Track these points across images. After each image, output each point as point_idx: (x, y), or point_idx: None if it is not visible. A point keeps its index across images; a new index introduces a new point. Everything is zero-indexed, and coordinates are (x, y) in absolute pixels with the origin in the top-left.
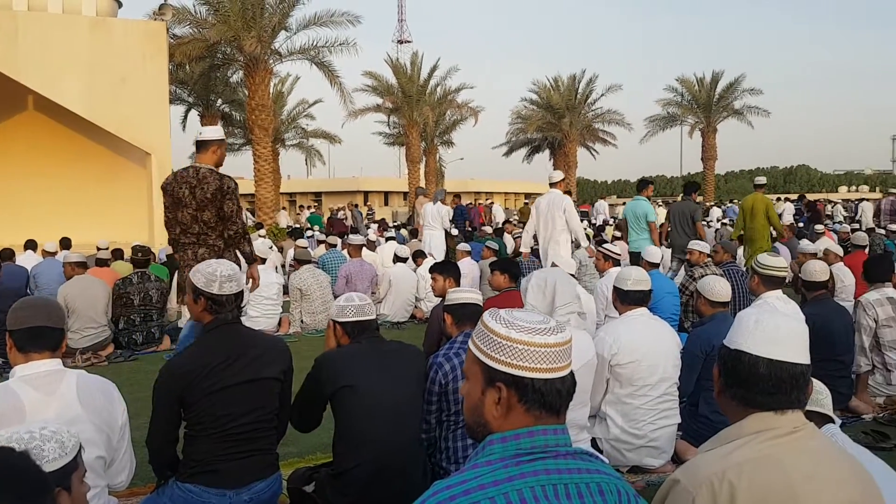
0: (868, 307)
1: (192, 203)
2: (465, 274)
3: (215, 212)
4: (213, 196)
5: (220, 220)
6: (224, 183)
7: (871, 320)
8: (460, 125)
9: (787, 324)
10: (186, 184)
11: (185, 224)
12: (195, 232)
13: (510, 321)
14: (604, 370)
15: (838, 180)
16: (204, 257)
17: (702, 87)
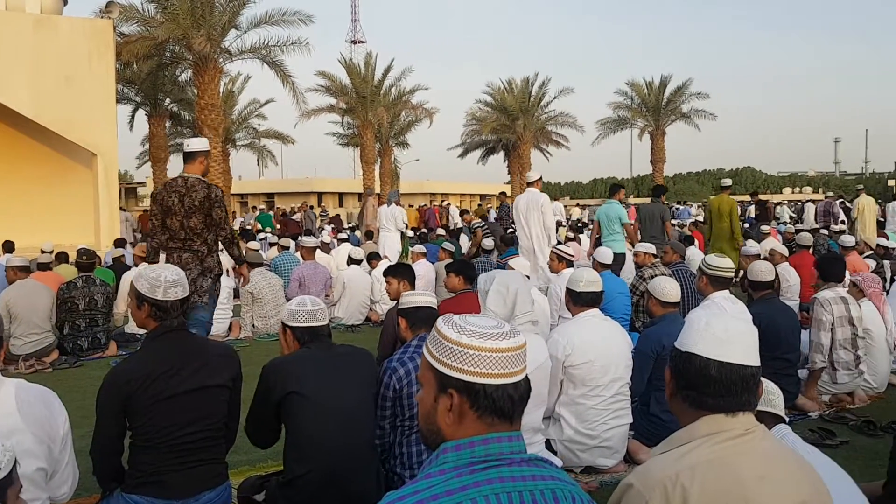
0: (826, 304)
1: (181, 210)
2: (421, 276)
3: (202, 218)
4: (200, 204)
5: (207, 226)
6: (211, 191)
7: (829, 316)
8: (415, 126)
9: (736, 326)
10: (176, 193)
11: (173, 230)
12: (181, 238)
13: (462, 326)
14: (557, 372)
15: (782, 182)
16: (187, 262)
17: (651, 90)
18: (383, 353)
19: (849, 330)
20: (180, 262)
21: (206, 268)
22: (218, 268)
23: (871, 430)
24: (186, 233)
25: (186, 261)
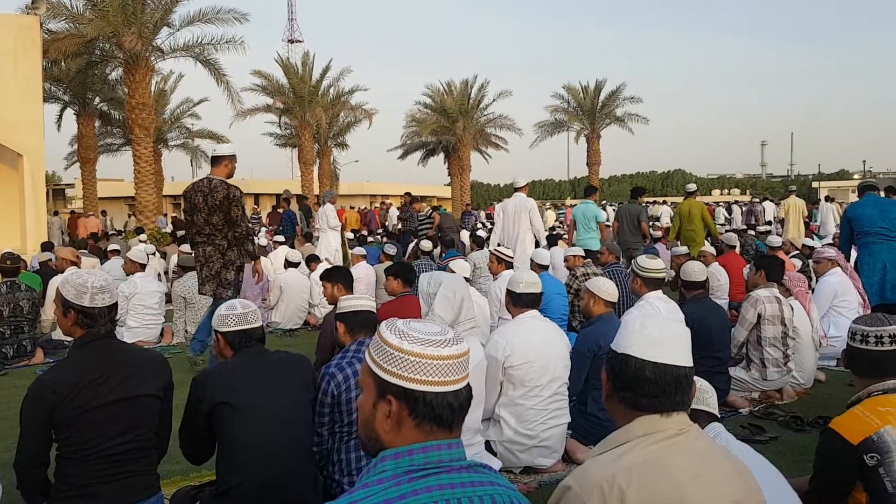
0: (756, 303)
1: (205, 208)
2: (361, 279)
3: (223, 216)
4: (220, 203)
5: (227, 223)
6: (230, 191)
7: (755, 314)
8: (355, 127)
9: (670, 327)
10: (200, 192)
11: (198, 226)
12: (206, 233)
13: (405, 332)
14: (497, 373)
15: (712, 184)
16: (210, 255)
17: (586, 94)
18: (321, 359)
19: (779, 329)
20: (204, 255)
21: (228, 261)
22: (239, 260)
23: (798, 425)
24: (210, 228)
25: (209, 254)
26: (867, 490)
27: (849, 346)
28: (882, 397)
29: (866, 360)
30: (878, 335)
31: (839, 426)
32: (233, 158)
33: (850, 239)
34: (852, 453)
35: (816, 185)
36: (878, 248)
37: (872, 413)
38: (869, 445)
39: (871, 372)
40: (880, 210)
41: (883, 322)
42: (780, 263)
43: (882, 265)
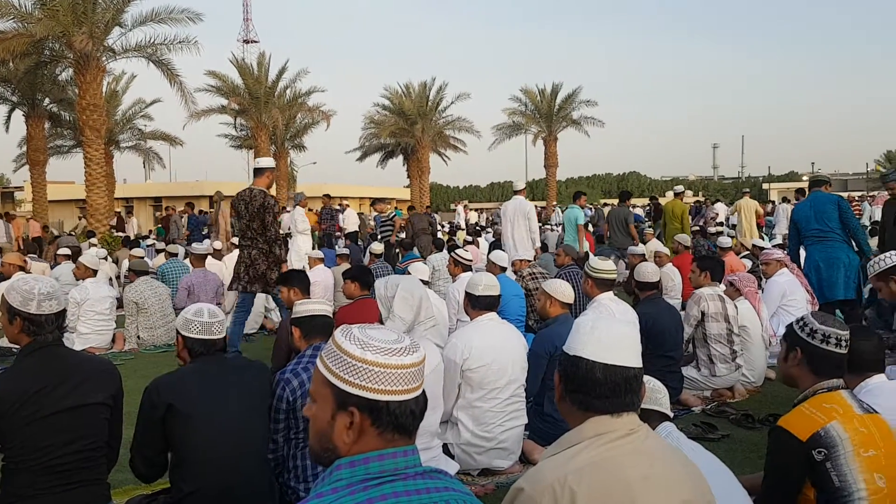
0: (700, 300)
1: (246, 215)
2: (318, 282)
3: (260, 222)
4: (258, 210)
5: (264, 228)
6: (266, 200)
7: (699, 312)
8: (312, 129)
9: (620, 329)
10: (242, 200)
11: (242, 231)
12: (249, 237)
13: (365, 341)
14: (456, 376)
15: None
16: (255, 258)
17: (543, 98)
18: (277, 364)
19: (724, 326)
20: (249, 257)
21: (272, 262)
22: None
23: (749, 422)
24: (251, 233)
25: (254, 257)
26: (815, 486)
27: (813, 347)
28: (826, 394)
29: (830, 362)
30: (839, 338)
31: (787, 424)
32: (272, 170)
33: (796, 240)
34: (801, 450)
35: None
36: (813, 248)
37: (818, 409)
38: (817, 441)
39: (831, 373)
40: (815, 211)
41: (843, 326)
42: (721, 264)
43: (815, 265)
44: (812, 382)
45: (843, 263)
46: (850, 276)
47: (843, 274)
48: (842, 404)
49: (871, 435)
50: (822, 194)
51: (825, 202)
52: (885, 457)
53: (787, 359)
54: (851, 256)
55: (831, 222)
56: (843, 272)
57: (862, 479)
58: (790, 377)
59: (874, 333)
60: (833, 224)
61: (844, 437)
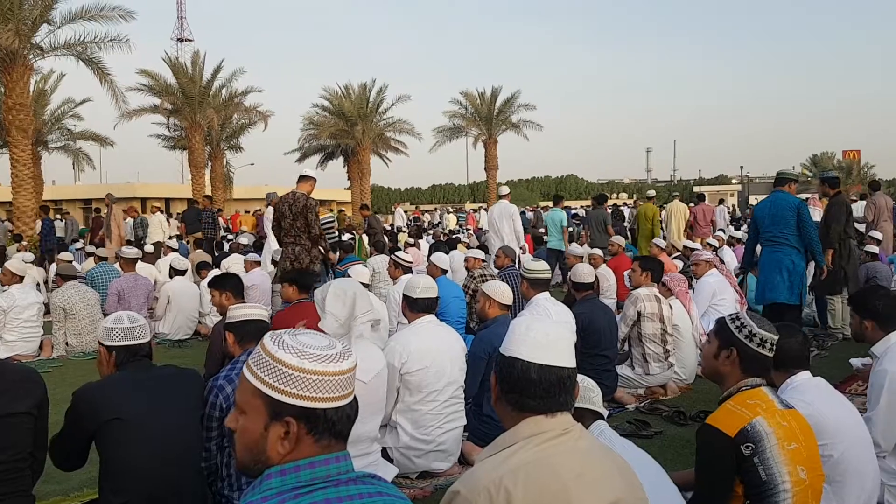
0: (637, 301)
1: (290, 215)
2: (255, 285)
3: (303, 221)
4: (300, 211)
5: (307, 226)
6: (308, 202)
7: (636, 311)
8: (249, 129)
9: (555, 330)
10: (287, 203)
11: (286, 229)
12: (293, 234)
13: (300, 349)
14: (395, 379)
15: (601, 188)
16: (299, 254)
17: (483, 101)
18: (210, 371)
19: (658, 326)
20: (293, 253)
21: (314, 257)
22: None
23: (681, 419)
24: (295, 231)
25: (298, 253)
26: (743, 481)
27: (749, 349)
28: (750, 391)
29: (761, 364)
30: (772, 343)
31: (715, 422)
32: (315, 179)
33: (754, 239)
34: (730, 445)
35: (698, 189)
36: (765, 249)
37: (743, 406)
38: (745, 436)
39: (760, 374)
40: (772, 214)
41: (774, 330)
42: (661, 265)
43: (762, 266)
44: (738, 380)
45: (785, 268)
46: (793, 282)
47: (786, 278)
48: (764, 400)
49: (791, 429)
50: (784, 197)
51: (785, 207)
52: (806, 449)
53: (717, 356)
54: (797, 262)
55: (787, 228)
56: (787, 276)
57: (786, 471)
58: (718, 374)
59: (799, 332)
60: (789, 230)
61: (769, 431)
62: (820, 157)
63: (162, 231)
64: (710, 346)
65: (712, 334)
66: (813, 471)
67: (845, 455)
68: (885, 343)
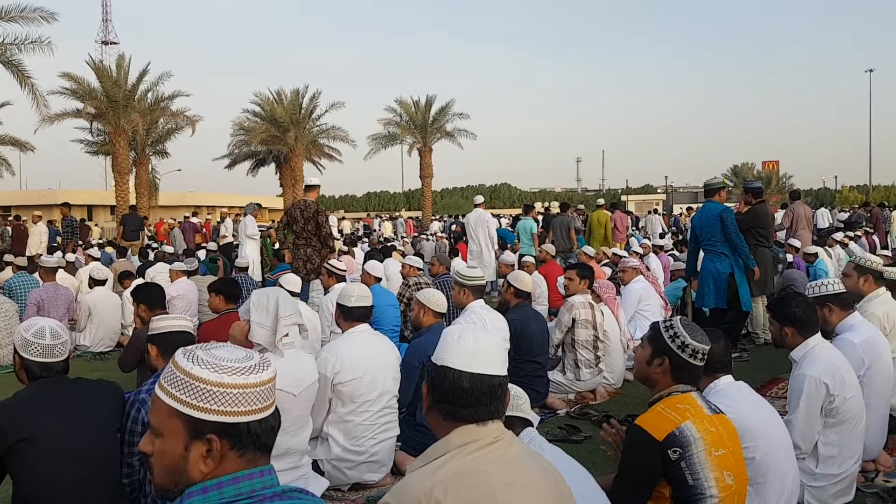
0: (572, 308)
1: (301, 220)
2: (181, 296)
3: (314, 225)
4: (311, 216)
5: (317, 229)
6: (318, 207)
7: (570, 318)
8: (176, 134)
9: (485, 338)
10: (298, 209)
11: (297, 233)
12: (304, 237)
13: (217, 364)
14: (326, 390)
15: (534, 197)
16: (310, 255)
17: (417, 109)
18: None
19: (591, 332)
20: (305, 255)
21: (324, 257)
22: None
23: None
24: (306, 234)
25: (309, 255)
26: (670, 484)
27: (681, 359)
28: (679, 396)
29: (692, 373)
30: (703, 353)
31: (645, 423)
32: (319, 186)
33: (695, 247)
34: (657, 448)
35: (625, 198)
36: (704, 256)
37: (673, 410)
38: (672, 440)
39: (689, 381)
40: (702, 224)
41: (706, 340)
42: (593, 273)
43: (701, 273)
44: (668, 386)
45: (712, 275)
46: (719, 288)
47: (712, 285)
48: (693, 405)
49: (719, 434)
50: (711, 206)
51: (710, 216)
52: (733, 455)
53: (650, 363)
54: (721, 269)
55: (714, 235)
56: (713, 283)
57: (713, 477)
58: (649, 379)
59: (722, 337)
60: (716, 237)
61: (697, 436)
62: (741, 167)
63: (40, 242)
64: (644, 351)
65: (645, 340)
66: (739, 476)
67: (766, 457)
68: (803, 348)
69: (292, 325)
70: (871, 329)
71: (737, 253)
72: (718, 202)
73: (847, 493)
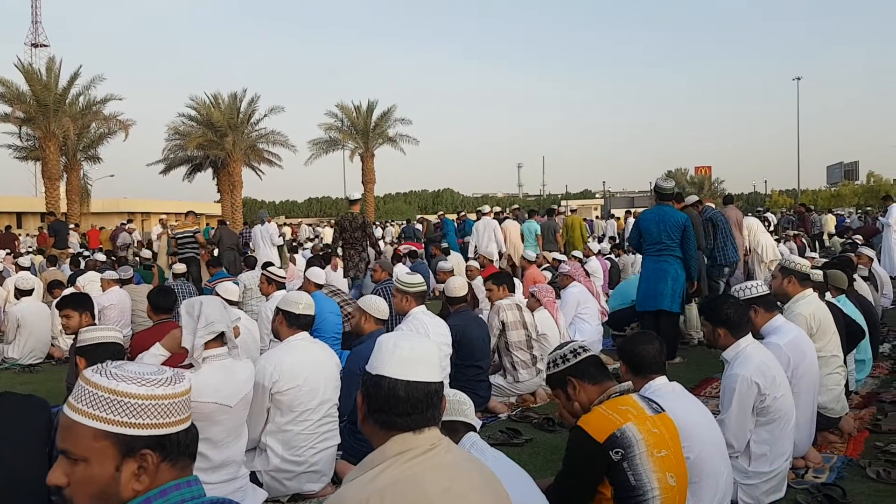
0: (500, 311)
1: (350, 229)
2: (113, 305)
3: (361, 232)
4: (358, 226)
5: (364, 235)
6: (365, 219)
7: (500, 322)
8: (109, 139)
9: (421, 345)
10: (347, 220)
11: (346, 239)
12: (352, 243)
13: (141, 378)
14: (264, 400)
15: (476, 202)
16: (353, 256)
17: (359, 114)
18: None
19: (523, 333)
20: (350, 257)
21: (363, 258)
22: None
23: (550, 426)
24: (353, 240)
25: (353, 256)
26: (612, 484)
27: (579, 367)
28: (621, 398)
29: (595, 367)
30: (573, 350)
31: (586, 424)
32: (360, 200)
33: (638, 245)
34: (599, 449)
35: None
36: (649, 259)
37: (614, 411)
38: (614, 441)
39: (602, 372)
40: (660, 229)
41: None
42: (509, 276)
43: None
44: (599, 392)
45: (670, 276)
46: (675, 290)
47: (669, 286)
48: (635, 406)
49: (661, 435)
50: (672, 212)
51: (674, 224)
52: (675, 456)
53: (569, 399)
54: (679, 272)
55: (673, 241)
56: (671, 285)
57: (655, 478)
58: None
59: (656, 339)
60: (674, 243)
61: (639, 437)
62: (675, 172)
63: None
64: (561, 401)
65: (550, 387)
66: (681, 476)
67: (701, 456)
68: (735, 349)
69: (210, 333)
70: (795, 330)
71: (688, 262)
72: (677, 209)
73: (778, 490)
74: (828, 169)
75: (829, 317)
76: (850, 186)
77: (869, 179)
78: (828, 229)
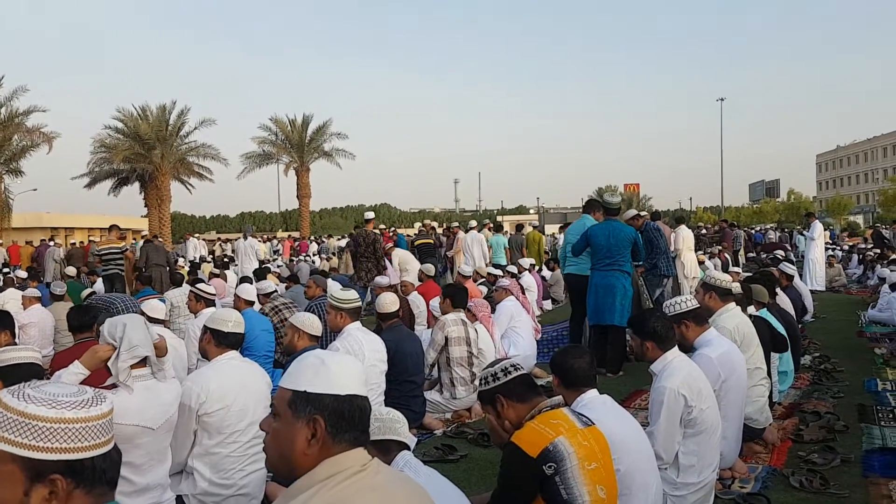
0: (444, 326)
1: (363, 245)
2: (33, 323)
3: (372, 248)
4: (370, 243)
5: (374, 251)
6: (376, 237)
7: (443, 336)
8: (31, 152)
9: (348, 363)
10: (361, 237)
11: (360, 253)
12: (366, 256)
13: (52, 400)
14: (191, 422)
15: (413, 217)
16: (369, 267)
17: (294, 128)
18: None
19: (465, 349)
20: (365, 268)
21: (377, 270)
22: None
23: (485, 441)
24: (367, 255)
25: (368, 267)
26: (545, 499)
27: (509, 385)
28: (551, 412)
29: (525, 386)
30: (508, 369)
31: (519, 439)
32: (373, 219)
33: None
34: (532, 464)
35: (500, 218)
36: (597, 273)
37: (546, 425)
38: (546, 455)
39: (531, 389)
40: (609, 243)
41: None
42: (463, 291)
43: (595, 289)
44: (531, 408)
45: (619, 291)
46: (624, 305)
47: (618, 301)
48: (565, 420)
49: (592, 448)
50: (621, 227)
51: (623, 239)
52: (605, 468)
53: (500, 417)
54: (627, 287)
55: (622, 256)
56: (619, 300)
57: (586, 490)
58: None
59: (587, 353)
60: (623, 257)
61: (571, 451)
62: (604, 189)
63: None
64: (490, 420)
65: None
66: (611, 488)
67: (630, 468)
68: (662, 361)
69: (133, 358)
70: (726, 343)
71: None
72: (624, 223)
73: (706, 501)
74: (750, 186)
75: (752, 330)
76: (771, 203)
77: (790, 197)
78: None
